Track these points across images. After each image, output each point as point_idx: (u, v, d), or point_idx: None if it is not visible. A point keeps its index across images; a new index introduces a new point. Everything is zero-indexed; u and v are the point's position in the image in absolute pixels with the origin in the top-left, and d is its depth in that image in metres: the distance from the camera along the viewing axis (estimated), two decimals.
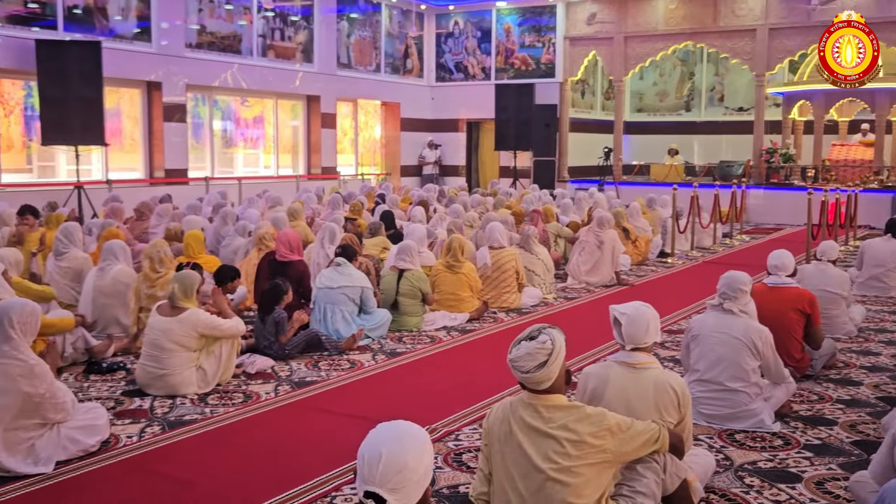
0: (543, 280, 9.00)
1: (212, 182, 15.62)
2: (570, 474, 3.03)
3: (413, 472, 2.22)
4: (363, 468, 2.23)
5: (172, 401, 5.38)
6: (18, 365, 4.16)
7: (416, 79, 21.25)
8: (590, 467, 3.06)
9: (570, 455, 3.03)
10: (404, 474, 2.20)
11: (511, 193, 15.00)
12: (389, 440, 2.25)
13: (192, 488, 4.08)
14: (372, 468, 2.20)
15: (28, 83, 13.40)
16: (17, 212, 9.30)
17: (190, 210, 11.00)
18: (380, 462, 2.20)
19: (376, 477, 2.19)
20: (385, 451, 2.21)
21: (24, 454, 4.19)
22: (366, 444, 2.27)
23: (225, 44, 16.26)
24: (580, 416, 3.09)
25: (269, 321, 6.36)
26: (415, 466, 2.22)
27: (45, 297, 6.46)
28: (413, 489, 2.23)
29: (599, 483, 3.10)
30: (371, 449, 2.24)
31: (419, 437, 2.31)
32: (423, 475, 2.26)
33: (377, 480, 2.19)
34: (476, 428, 4.93)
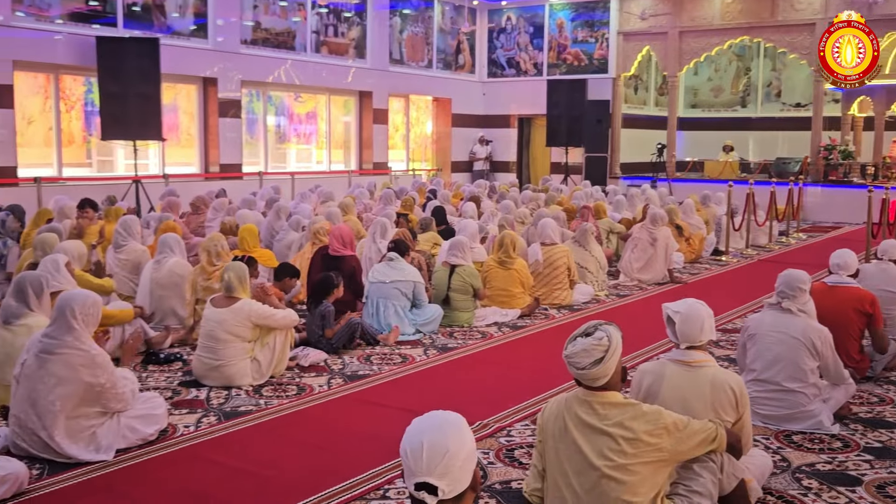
0: (596, 277, 8.95)
1: (265, 177, 15.80)
2: (626, 472, 3.01)
3: (456, 455, 2.25)
4: (408, 462, 2.27)
5: (228, 392, 5.46)
6: (80, 355, 4.26)
7: (467, 74, 21.23)
8: (645, 465, 3.03)
9: (625, 453, 3.01)
10: (448, 458, 2.23)
11: (562, 190, 14.92)
12: (428, 429, 2.30)
13: (248, 478, 4.14)
14: (417, 459, 2.24)
15: (89, 79, 13.68)
16: (77, 205, 9.52)
17: (244, 204, 11.13)
18: (423, 451, 2.23)
19: (422, 466, 2.23)
20: (425, 439, 2.25)
21: (86, 442, 4.29)
22: (406, 439, 2.31)
23: (279, 40, 16.43)
24: (636, 413, 3.06)
25: (316, 314, 6.42)
26: (457, 449, 2.26)
27: (106, 290, 6.60)
28: (460, 472, 2.27)
29: (655, 482, 3.07)
30: (412, 441, 2.28)
31: (456, 422, 2.35)
32: (466, 457, 2.29)
33: (424, 469, 2.23)
34: (528, 424, 4.93)
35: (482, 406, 5.17)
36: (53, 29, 12.82)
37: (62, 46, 12.89)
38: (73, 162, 14.07)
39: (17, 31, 12.31)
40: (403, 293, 7.06)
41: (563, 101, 18.99)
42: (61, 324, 4.27)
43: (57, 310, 4.32)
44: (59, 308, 4.30)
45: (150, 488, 4.03)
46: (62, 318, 4.27)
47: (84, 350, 4.27)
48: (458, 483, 2.27)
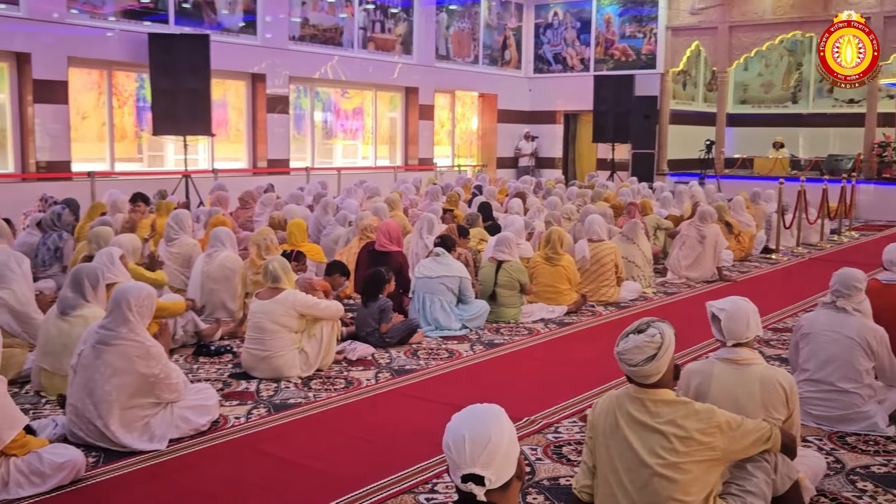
0: (643, 272, 8.88)
1: (312, 172, 15.92)
2: (678, 470, 2.98)
3: (498, 443, 2.30)
4: (452, 455, 2.32)
5: (277, 384, 5.52)
6: (135, 346, 4.34)
7: (513, 70, 21.17)
8: (697, 464, 3.00)
9: (677, 451, 2.98)
10: (491, 448, 2.28)
11: (607, 186, 14.82)
12: (467, 421, 2.36)
13: (298, 470, 4.18)
14: (460, 451, 2.29)
15: (140, 75, 13.91)
16: (129, 199, 9.68)
17: (292, 199, 11.23)
18: (465, 443, 2.29)
19: (466, 458, 2.28)
20: (466, 431, 2.31)
21: (140, 431, 4.37)
22: (448, 434, 2.37)
23: (326, 36, 16.54)
24: (688, 412, 3.03)
25: (374, 308, 6.45)
26: (498, 438, 2.31)
27: (158, 283, 6.71)
28: (504, 461, 2.32)
29: (707, 481, 3.04)
30: (454, 435, 2.34)
31: (494, 411, 2.40)
32: (508, 445, 2.34)
33: (468, 461, 2.28)
34: (575, 421, 4.91)
35: (529, 402, 5.16)
36: (107, 26, 13.05)
37: (115, 43, 13.12)
38: (125, 157, 14.31)
39: (72, 28, 12.55)
40: (450, 288, 7.07)
41: (610, 97, 18.84)
42: (117, 315, 4.36)
43: (113, 302, 4.41)
44: (115, 300, 4.39)
45: (202, 478, 4.10)
46: (118, 310, 4.36)
47: (139, 341, 4.35)
48: (504, 472, 2.33)
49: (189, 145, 13.56)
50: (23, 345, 5.56)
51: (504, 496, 2.35)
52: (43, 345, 5.15)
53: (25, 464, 3.80)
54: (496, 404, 2.47)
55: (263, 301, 5.68)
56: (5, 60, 12.24)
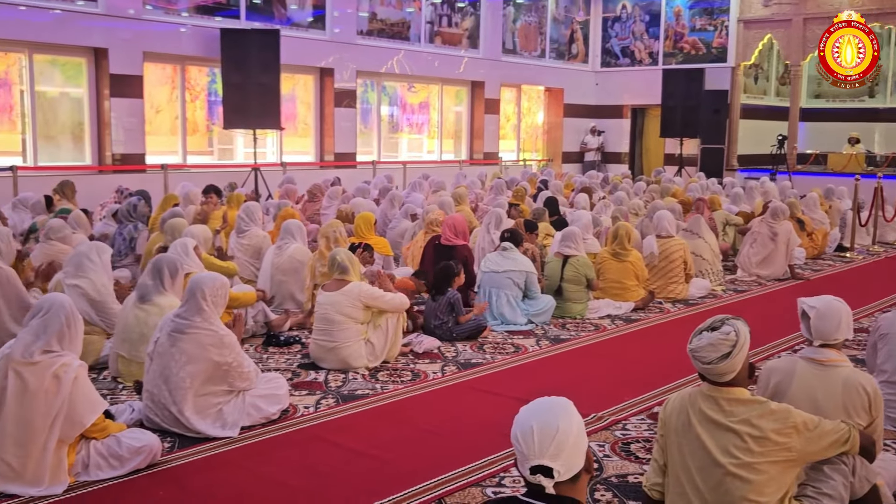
0: (711, 267, 8.74)
1: (378, 166, 16.04)
2: (752, 471, 2.93)
3: (566, 434, 2.32)
4: (521, 447, 2.34)
5: (345, 375, 5.58)
6: (209, 335, 4.44)
7: (580, 64, 20.99)
8: (773, 465, 2.95)
9: (752, 451, 2.93)
10: (559, 439, 2.30)
11: (674, 181, 14.60)
12: (535, 413, 2.38)
13: (366, 460, 4.23)
14: (528, 443, 2.31)
15: (212, 70, 14.19)
16: (202, 191, 9.89)
17: (358, 193, 11.33)
18: (533, 434, 2.31)
19: (535, 449, 2.30)
20: (534, 423, 2.33)
21: (213, 418, 4.47)
22: (516, 426, 2.39)
23: (394, 31, 16.63)
24: (763, 411, 2.98)
25: (443, 301, 6.48)
26: (566, 429, 2.32)
27: (229, 272, 6.83)
28: (572, 452, 2.33)
29: (782, 482, 2.98)
30: (522, 426, 2.36)
31: (562, 403, 2.42)
32: (577, 436, 2.35)
33: (537, 452, 2.30)
34: (643, 418, 4.87)
35: (596, 398, 5.12)
36: (180, 21, 13.34)
37: (188, 38, 13.40)
38: (196, 150, 14.62)
39: (147, 24, 12.85)
40: (516, 283, 7.06)
41: (679, 91, 18.53)
42: (192, 305, 4.46)
43: (188, 292, 4.51)
44: (191, 290, 4.49)
45: (272, 465, 4.17)
46: (193, 299, 4.46)
47: (213, 330, 4.44)
48: (572, 464, 2.34)
49: (258, 139, 13.78)
50: (100, 332, 5.72)
51: (573, 489, 2.35)
52: (121, 332, 5.31)
53: (105, 447, 3.91)
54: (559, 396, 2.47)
55: (330, 293, 5.75)
56: (83, 56, 12.59)
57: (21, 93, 12.22)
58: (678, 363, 5.66)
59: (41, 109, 12.40)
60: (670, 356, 6.13)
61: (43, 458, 3.72)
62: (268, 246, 7.71)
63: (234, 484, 3.95)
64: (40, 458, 3.72)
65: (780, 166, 17.65)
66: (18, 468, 3.71)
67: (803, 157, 19.06)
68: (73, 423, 3.77)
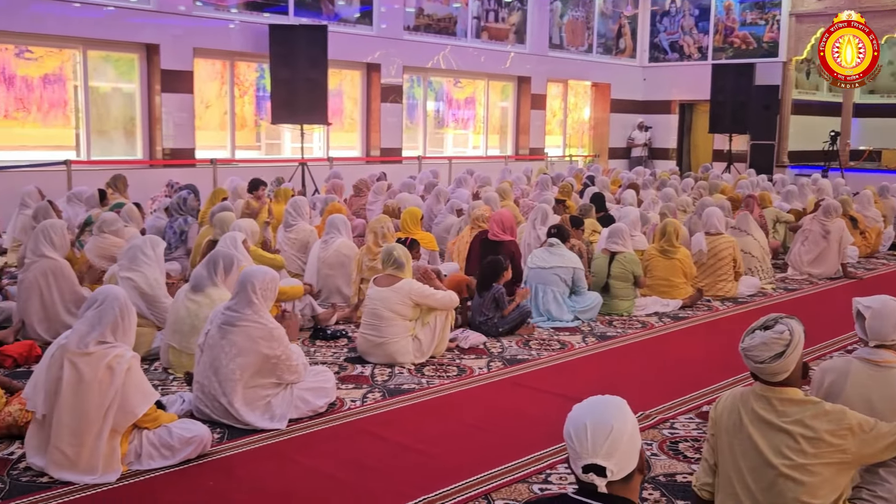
0: (761, 265, 8.61)
1: (423, 161, 16.06)
2: (805, 472, 2.88)
3: (620, 433, 2.29)
4: (573, 445, 2.32)
5: (391, 369, 5.61)
6: (259, 328, 4.48)
7: (628, 59, 20.79)
8: (826, 467, 2.89)
9: (805, 452, 2.88)
10: (613, 438, 2.28)
11: (722, 178, 14.40)
12: (590, 411, 2.35)
13: (412, 454, 4.24)
14: (582, 441, 2.29)
15: (261, 65, 14.31)
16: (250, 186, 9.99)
17: (404, 188, 11.36)
18: (587, 432, 2.29)
19: (588, 447, 2.28)
20: (589, 421, 2.31)
21: (262, 410, 4.52)
22: (569, 423, 2.37)
23: (440, 26, 16.63)
24: (817, 412, 2.92)
25: (488, 297, 6.48)
26: (621, 428, 2.30)
27: (277, 265, 6.90)
28: (626, 452, 2.31)
29: (836, 484, 2.92)
30: (575, 424, 2.34)
31: (616, 402, 2.40)
32: (631, 436, 2.33)
33: (590, 450, 2.28)
34: (692, 417, 4.82)
35: (643, 396, 5.07)
36: (230, 17, 13.48)
37: (237, 34, 13.54)
38: (244, 144, 14.78)
39: (197, 20, 13.02)
40: (563, 279, 7.02)
41: (729, 87, 18.26)
42: (242, 298, 4.51)
43: (239, 284, 4.57)
44: (241, 283, 4.55)
45: (319, 458, 4.20)
46: (243, 292, 4.51)
47: (262, 323, 4.49)
48: (626, 463, 2.32)
49: (305, 134, 13.88)
50: (151, 325, 5.82)
51: (625, 488, 2.33)
52: (172, 323, 5.39)
53: (157, 437, 3.98)
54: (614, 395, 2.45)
55: (381, 288, 5.77)
56: (135, 52, 12.80)
57: (75, 88, 12.46)
58: (727, 362, 5.61)
59: (94, 105, 12.63)
60: (719, 355, 6.06)
61: (97, 447, 3.79)
62: (314, 240, 7.77)
63: (282, 476, 3.99)
64: (94, 447, 3.79)
65: (833, 163, 17.31)
66: (73, 457, 3.79)
67: (856, 153, 18.69)
68: (125, 413, 3.84)
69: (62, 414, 3.80)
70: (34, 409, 3.90)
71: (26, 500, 3.64)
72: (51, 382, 3.85)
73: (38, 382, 3.91)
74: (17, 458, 4.06)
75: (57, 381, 3.83)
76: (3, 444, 4.22)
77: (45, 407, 3.86)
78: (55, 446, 3.80)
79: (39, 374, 3.93)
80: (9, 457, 4.08)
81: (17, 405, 4.26)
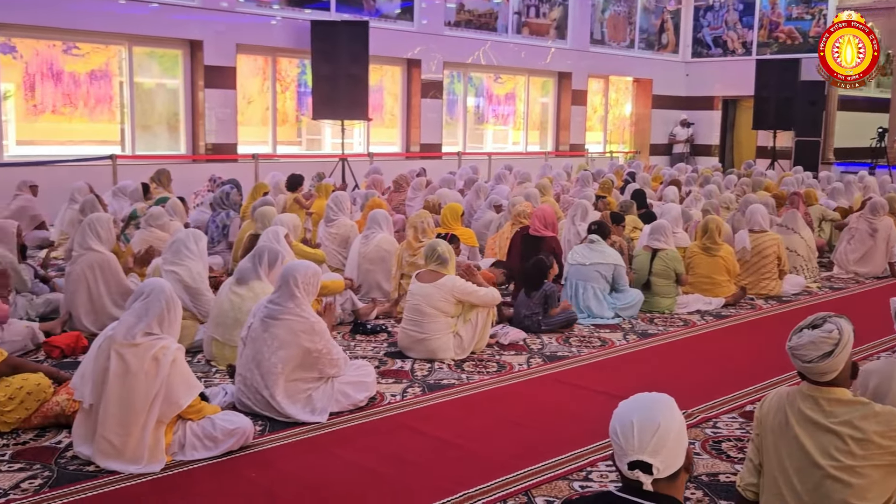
0: (807, 263, 8.48)
1: (463, 157, 16.06)
2: (853, 474, 2.83)
3: (667, 431, 2.28)
4: (619, 441, 2.30)
5: (431, 364, 5.61)
6: (301, 321, 4.51)
7: (670, 55, 20.60)
8: (876, 469, 2.83)
9: (853, 454, 2.83)
10: (660, 435, 2.26)
11: (766, 175, 14.20)
12: (637, 408, 2.33)
13: (452, 449, 4.24)
14: (628, 438, 2.28)
15: (302, 61, 14.42)
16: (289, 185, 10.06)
17: (444, 183, 11.37)
18: (633, 429, 2.27)
19: (634, 444, 2.27)
20: (635, 418, 2.29)
21: (303, 403, 4.55)
22: (615, 419, 2.35)
23: (481, 21, 16.60)
24: (867, 413, 2.87)
25: (538, 294, 6.44)
26: (668, 426, 2.29)
27: (318, 259, 6.94)
28: (673, 450, 2.29)
29: (886, 486, 2.86)
30: (622, 420, 2.32)
31: (664, 399, 2.38)
32: (678, 433, 2.31)
33: (636, 447, 2.27)
34: (735, 416, 4.76)
35: (684, 395, 4.98)
36: (272, 14, 13.59)
37: (279, 30, 13.65)
38: (285, 140, 14.90)
39: (240, 17, 13.15)
40: (603, 276, 6.98)
41: (773, 82, 18.01)
42: (285, 292, 4.55)
43: (281, 278, 4.60)
44: (284, 277, 4.58)
45: (359, 451, 4.22)
46: (286, 286, 4.54)
47: (304, 317, 4.52)
48: (672, 461, 2.30)
49: (345, 129, 13.95)
50: (193, 317, 5.88)
51: (671, 487, 2.31)
52: (216, 316, 5.45)
53: (200, 428, 4.03)
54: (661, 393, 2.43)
55: (423, 284, 5.78)
56: (179, 48, 12.96)
57: (120, 84, 12.66)
58: (770, 361, 5.54)
59: (139, 100, 12.82)
60: (762, 354, 5.98)
61: (142, 437, 3.85)
62: (355, 235, 7.80)
63: (323, 468, 4.01)
64: (140, 437, 3.85)
65: (880, 160, 16.99)
66: (119, 446, 3.84)
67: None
68: (170, 404, 3.90)
69: (109, 404, 3.86)
70: (81, 398, 3.97)
71: (73, 489, 3.71)
72: (98, 373, 3.92)
73: (86, 373, 3.97)
74: (65, 446, 4.13)
75: (104, 372, 3.90)
76: (51, 432, 4.30)
77: (92, 397, 3.92)
78: (102, 435, 3.86)
79: (87, 365, 4.00)
80: (56, 445, 4.16)
81: (64, 395, 4.34)
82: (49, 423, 4.34)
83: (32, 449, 4.12)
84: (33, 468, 3.90)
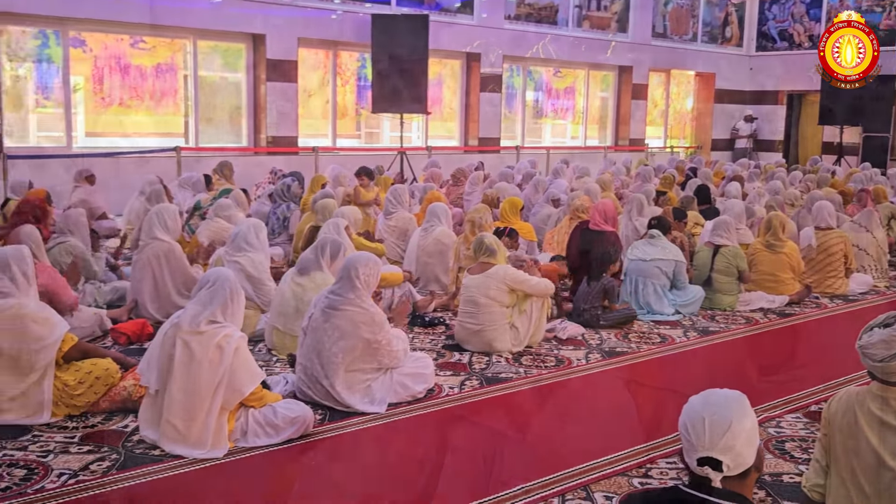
0: (876, 263, 8.27)
1: (521, 151, 16.00)
2: None
3: (739, 429, 2.26)
4: (689, 437, 2.29)
5: (489, 358, 5.61)
6: (361, 313, 4.55)
7: (734, 48, 20.23)
8: None
9: None
10: (731, 433, 2.25)
11: (833, 171, 13.87)
12: (709, 405, 2.31)
13: (510, 442, 4.23)
14: (699, 434, 2.26)
15: (362, 55, 14.51)
16: (354, 173, 10.15)
17: (502, 178, 11.34)
18: (704, 426, 2.26)
19: (705, 441, 2.25)
20: (707, 415, 2.28)
21: (362, 393, 4.59)
22: (686, 414, 2.33)
23: (542, 15, 16.50)
24: None
25: (597, 287, 6.41)
26: (739, 424, 2.27)
27: (378, 253, 6.98)
28: (743, 448, 2.27)
29: None
30: (693, 416, 2.30)
31: (737, 397, 2.36)
32: (749, 433, 2.29)
33: (707, 444, 2.25)
34: (798, 416, 4.67)
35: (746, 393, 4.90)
36: (333, 7, 13.70)
37: (340, 24, 13.75)
38: (345, 133, 15.02)
39: (302, 11, 13.28)
40: (664, 272, 6.89)
41: None
42: (346, 283, 4.59)
43: (342, 269, 4.65)
44: (345, 268, 4.62)
45: (418, 443, 4.25)
46: (347, 277, 4.59)
47: (364, 308, 4.56)
48: (743, 459, 2.28)
49: (404, 123, 14.00)
50: (255, 307, 5.97)
51: (741, 485, 2.28)
52: (278, 306, 5.53)
53: (262, 416, 4.09)
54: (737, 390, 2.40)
55: (475, 276, 5.79)
56: (243, 42, 13.15)
57: (185, 78, 12.89)
58: (836, 361, 5.42)
59: (203, 93, 13.04)
60: (826, 353, 5.87)
61: (206, 424, 3.92)
62: (414, 228, 7.83)
63: (381, 459, 4.05)
64: (204, 423, 3.92)
65: None
66: (184, 431, 3.93)
67: None
68: (233, 391, 3.97)
69: (174, 390, 3.95)
70: (147, 384, 4.06)
71: (139, 472, 3.80)
72: (164, 359, 4.01)
73: (152, 359, 4.07)
74: (131, 430, 4.23)
75: (169, 359, 3.98)
76: (118, 417, 4.41)
77: (158, 383, 4.01)
78: (167, 420, 3.95)
79: (153, 351, 4.09)
80: (123, 429, 4.26)
81: (131, 380, 4.45)
82: (116, 408, 4.45)
83: (101, 432, 4.23)
84: (101, 451, 4.00)
